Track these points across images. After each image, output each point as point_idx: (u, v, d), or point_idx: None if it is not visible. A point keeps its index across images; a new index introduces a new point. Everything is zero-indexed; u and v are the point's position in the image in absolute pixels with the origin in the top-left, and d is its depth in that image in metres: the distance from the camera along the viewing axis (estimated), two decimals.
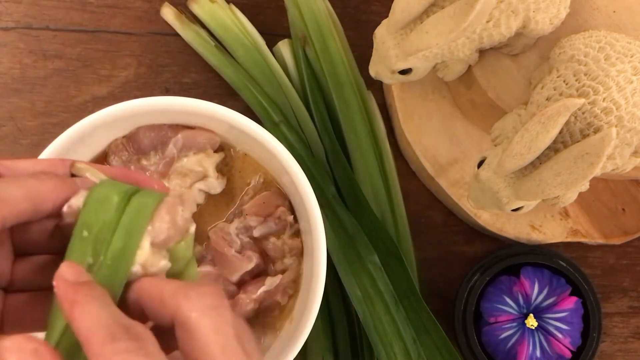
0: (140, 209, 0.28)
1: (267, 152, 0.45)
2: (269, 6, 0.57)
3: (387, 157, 0.55)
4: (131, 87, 0.56)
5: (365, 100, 0.55)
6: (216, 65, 0.55)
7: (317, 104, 0.54)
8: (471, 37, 0.44)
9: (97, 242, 0.27)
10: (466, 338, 0.51)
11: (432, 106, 0.54)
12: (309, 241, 0.46)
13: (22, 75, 0.55)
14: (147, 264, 0.27)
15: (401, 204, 0.54)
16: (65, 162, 0.30)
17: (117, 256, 0.27)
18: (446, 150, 0.53)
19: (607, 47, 0.41)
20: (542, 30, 0.45)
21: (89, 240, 0.27)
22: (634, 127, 0.40)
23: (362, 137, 0.54)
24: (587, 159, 0.38)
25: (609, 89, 0.40)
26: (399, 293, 0.51)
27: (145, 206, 0.28)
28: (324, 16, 0.54)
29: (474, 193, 0.45)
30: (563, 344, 0.50)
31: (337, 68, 0.54)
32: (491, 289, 0.52)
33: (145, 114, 0.45)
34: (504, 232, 0.53)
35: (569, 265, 0.51)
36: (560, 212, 0.54)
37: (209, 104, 0.44)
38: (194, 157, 0.47)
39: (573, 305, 0.51)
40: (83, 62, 0.56)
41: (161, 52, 0.56)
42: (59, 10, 0.56)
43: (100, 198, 0.28)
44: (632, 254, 0.57)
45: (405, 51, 0.44)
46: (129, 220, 0.27)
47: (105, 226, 0.27)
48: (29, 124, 0.55)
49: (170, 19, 0.56)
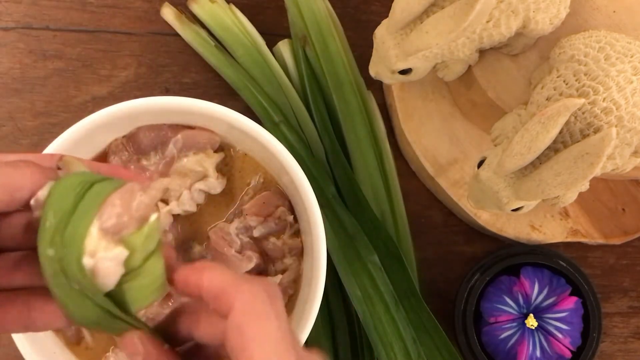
0: (95, 195, 0.26)
1: (267, 152, 0.45)
2: (269, 6, 0.57)
3: (387, 157, 0.55)
4: (131, 87, 0.56)
5: (365, 100, 0.55)
6: (216, 65, 0.55)
7: (317, 104, 0.54)
8: (471, 37, 0.44)
9: (57, 233, 0.26)
10: (466, 338, 0.51)
11: (432, 106, 0.54)
12: (309, 241, 0.46)
13: (22, 75, 0.55)
14: (98, 250, 0.26)
15: (401, 204, 0.54)
16: (54, 156, 0.29)
17: (68, 244, 0.26)
18: (446, 150, 0.53)
19: (607, 47, 0.41)
20: (542, 30, 0.45)
21: (50, 230, 0.26)
22: (634, 127, 0.40)
23: (362, 137, 0.54)
24: (587, 159, 0.38)
25: (609, 89, 0.40)
26: (399, 293, 0.51)
27: (101, 192, 0.27)
28: (324, 16, 0.54)
29: (474, 193, 0.45)
30: (563, 344, 0.50)
31: (337, 68, 0.54)
32: (491, 289, 0.52)
33: (145, 114, 0.45)
34: (504, 232, 0.53)
35: (569, 265, 0.51)
36: (560, 212, 0.54)
37: (209, 104, 0.44)
38: (194, 157, 0.47)
39: (573, 305, 0.51)
40: (83, 62, 0.56)
41: (161, 52, 0.56)
42: (59, 10, 0.56)
43: (65, 187, 0.27)
44: (632, 254, 0.57)
45: (405, 51, 0.44)
46: (82, 206, 0.26)
47: (64, 215, 0.26)
48: (29, 124, 0.55)
49: (170, 19, 0.56)
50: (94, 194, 0.27)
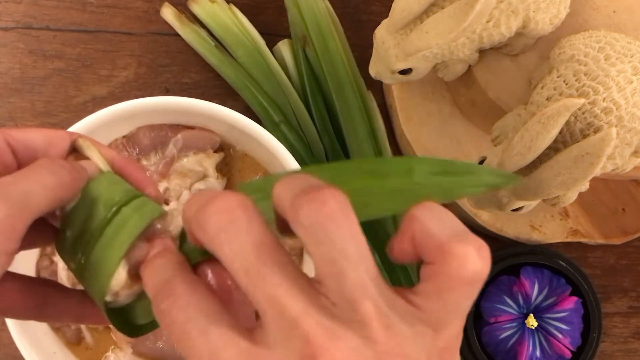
0: (124, 228, 0.26)
1: (267, 152, 0.45)
2: (269, 6, 0.57)
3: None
4: (131, 87, 0.56)
5: (365, 100, 0.55)
6: (216, 65, 0.55)
7: (317, 104, 0.54)
8: (471, 37, 0.44)
9: (78, 247, 0.26)
10: (466, 338, 0.51)
11: (432, 106, 0.54)
12: None
13: (22, 75, 0.55)
14: (122, 292, 0.26)
15: None
16: (72, 135, 0.29)
17: (93, 272, 0.26)
18: (446, 150, 0.53)
19: (607, 47, 0.41)
20: (542, 30, 0.45)
21: (69, 241, 0.26)
22: (634, 127, 0.40)
23: (362, 137, 0.54)
24: (587, 159, 0.38)
25: (609, 89, 0.40)
26: None
27: (130, 226, 0.27)
28: (324, 16, 0.54)
29: None
30: (563, 344, 0.50)
31: (337, 68, 0.54)
32: (491, 289, 0.52)
33: (145, 114, 0.45)
34: (504, 232, 0.53)
35: (569, 265, 0.51)
36: (560, 212, 0.54)
37: (209, 104, 0.44)
38: (194, 157, 0.47)
39: (573, 305, 0.51)
40: (83, 62, 0.56)
41: (161, 52, 0.56)
42: (59, 10, 0.56)
43: (92, 199, 0.27)
44: (632, 254, 0.57)
45: (405, 51, 0.44)
46: (111, 235, 0.26)
47: (90, 235, 0.26)
48: (29, 124, 0.55)
49: (170, 19, 0.56)
50: (123, 226, 0.26)
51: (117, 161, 0.30)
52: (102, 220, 0.26)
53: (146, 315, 0.28)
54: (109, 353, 0.46)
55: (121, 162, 0.30)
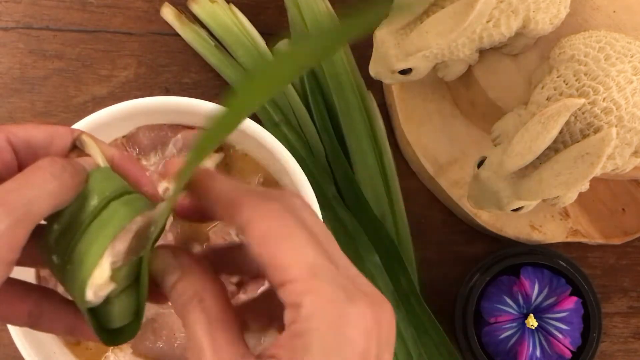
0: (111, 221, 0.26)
1: (267, 152, 0.45)
2: (269, 6, 0.57)
3: (387, 157, 0.55)
4: (131, 87, 0.56)
5: (365, 100, 0.55)
6: (216, 65, 0.55)
7: (317, 104, 0.54)
8: (471, 37, 0.44)
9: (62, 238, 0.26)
10: (466, 338, 0.51)
11: (432, 106, 0.54)
12: None
13: (22, 75, 0.55)
14: (102, 289, 0.26)
15: (401, 204, 0.54)
16: (74, 131, 0.29)
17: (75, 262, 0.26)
18: (446, 150, 0.53)
19: (607, 47, 0.41)
20: (542, 30, 0.45)
21: (55, 234, 0.26)
22: (634, 127, 0.40)
23: (362, 137, 0.54)
24: (587, 159, 0.38)
25: (609, 89, 0.40)
26: (399, 293, 0.50)
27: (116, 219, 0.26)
28: (324, 16, 0.54)
29: (474, 193, 0.45)
30: (563, 344, 0.50)
31: (337, 68, 0.54)
32: (491, 289, 0.52)
33: (145, 114, 0.45)
34: (504, 232, 0.53)
35: (569, 265, 0.51)
36: (560, 212, 0.54)
37: (209, 104, 0.44)
38: None
39: (573, 305, 0.51)
40: (83, 62, 0.56)
41: (161, 52, 0.56)
42: (59, 10, 0.56)
43: (83, 193, 0.27)
44: (632, 254, 0.57)
45: (405, 51, 0.44)
46: (97, 227, 0.26)
47: (76, 226, 0.26)
48: None
49: (170, 19, 0.56)
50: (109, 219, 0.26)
51: (117, 158, 0.29)
52: (90, 213, 0.26)
53: (123, 316, 0.28)
54: (109, 353, 0.46)
55: (120, 160, 0.30)
